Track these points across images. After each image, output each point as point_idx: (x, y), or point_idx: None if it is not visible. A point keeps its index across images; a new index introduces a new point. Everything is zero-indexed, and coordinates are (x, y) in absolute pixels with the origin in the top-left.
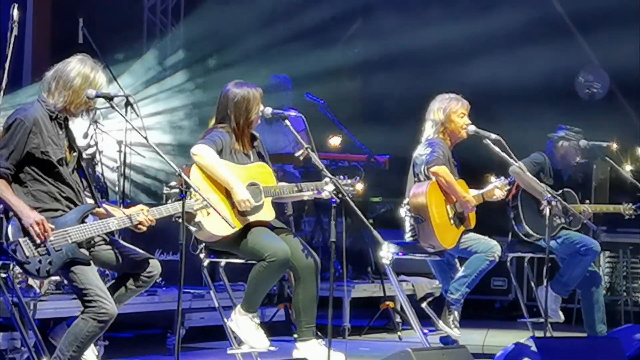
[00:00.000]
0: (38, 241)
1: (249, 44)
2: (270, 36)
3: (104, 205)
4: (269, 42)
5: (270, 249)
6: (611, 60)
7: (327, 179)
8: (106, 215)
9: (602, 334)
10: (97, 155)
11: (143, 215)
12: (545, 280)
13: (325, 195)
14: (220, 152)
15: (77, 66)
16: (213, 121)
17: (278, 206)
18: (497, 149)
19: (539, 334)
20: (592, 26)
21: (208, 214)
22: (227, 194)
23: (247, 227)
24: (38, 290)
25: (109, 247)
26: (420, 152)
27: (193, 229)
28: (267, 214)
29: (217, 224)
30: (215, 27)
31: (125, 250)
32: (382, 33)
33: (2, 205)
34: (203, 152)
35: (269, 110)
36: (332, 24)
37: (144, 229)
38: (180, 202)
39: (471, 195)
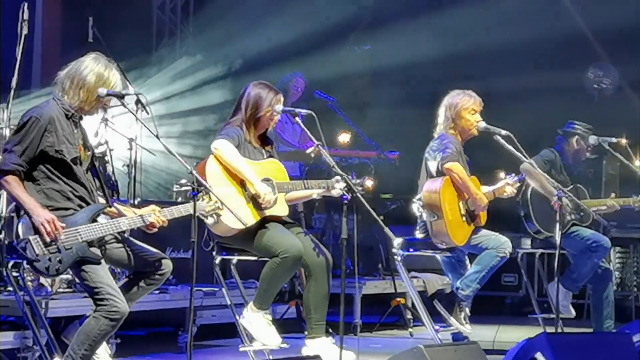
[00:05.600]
0: (48, 240)
1: (258, 42)
2: (281, 34)
3: (115, 204)
4: (280, 40)
5: (284, 245)
6: (620, 55)
7: (337, 177)
8: (117, 214)
9: (609, 330)
10: (108, 154)
11: (154, 216)
12: (556, 276)
13: (335, 193)
14: (236, 147)
15: (90, 64)
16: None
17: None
18: (507, 145)
19: (550, 329)
20: (601, 22)
21: (219, 216)
22: (244, 187)
23: (261, 223)
24: (50, 289)
25: (121, 245)
26: (433, 147)
27: (210, 222)
28: (281, 209)
29: (234, 217)
30: (224, 25)
31: (137, 249)
32: (391, 31)
33: (13, 203)
34: (224, 147)
35: (279, 107)
36: (342, 22)
37: (156, 230)
38: (192, 202)
39: (483, 192)
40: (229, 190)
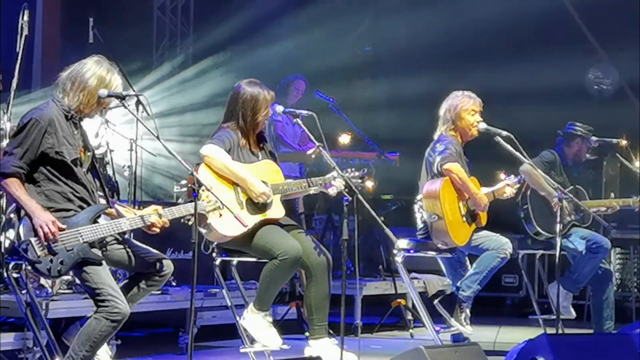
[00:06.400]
0: (45, 243)
1: (259, 43)
2: (280, 32)
3: (116, 205)
4: (281, 41)
5: (282, 247)
6: (620, 56)
7: (334, 173)
8: (117, 216)
9: (610, 331)
10: (108, 155)
11: (155, 216)
12: (556, 278)
13: (332, 192)
14: (228, 152)
15: (92, 67)
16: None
17: (289, 204)
18: (508, 146)
19: (550, 330)
20: (601, 23)
21: (220, 215)
22: (238, 193)
23: (258, 226)
24: (50, 290)
25: (122, 246)
26: (433, 148)
27: (204, 231)
28: (277, 211)
29: (227, 224)
30: (224, 25)
31: (138, 250)
32: (392, 31)
33: (14, 205)
34: (213, 153)
35: (280, 108)
36: (343, 21)
37: (157, 230)
38: (192, 202)
39: (482, 193)
40: (222, 197)
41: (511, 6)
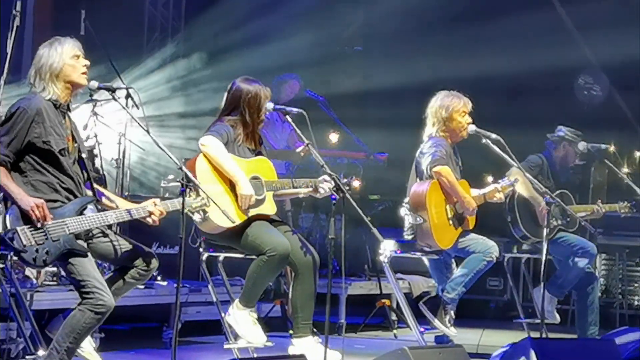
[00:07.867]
0: (38, 225)
1: (250, 36)
2: (272, 30)
3: (106, 193)
4: (271, 35)
5: (271, 243)
6: (611, 62)
7: (324, 177)
8: (115, 206)
9: (594, 336)
10: (97, 148)
11: (152, 206)
12: (542, 282)
13: (319, 195)
14: (225, 145)
15: (43, 52)
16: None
17: (277, 202)
18: (497, 149)
19: (534, 334)
20: (591, 27)
21: (205, 213)
22: (232, 186)
23: (249, 221)
24: (35, 281)
25: (107, 239)
26: (423, 150)
27: (198, 220)
28: (269, 207)
29: (223, 215)
30: (215, 20)
31: (123, 244)
32: (383, 30)
33: (1, 194)
34: (211, 143)
35: (270, 105)
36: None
37: (156, 219)
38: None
39: (472, 195)
40: (217, 188)
41: (506, 7)
